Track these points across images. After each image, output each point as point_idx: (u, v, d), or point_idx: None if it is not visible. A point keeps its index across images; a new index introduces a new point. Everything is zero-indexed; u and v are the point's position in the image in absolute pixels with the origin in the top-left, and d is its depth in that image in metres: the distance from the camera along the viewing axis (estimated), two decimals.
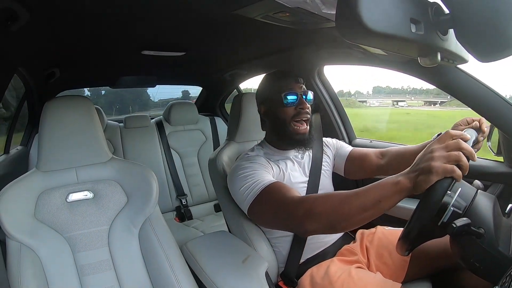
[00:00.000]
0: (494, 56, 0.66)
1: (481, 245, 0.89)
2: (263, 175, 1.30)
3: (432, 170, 0.83)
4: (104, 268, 1.32)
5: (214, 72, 2.92)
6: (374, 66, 1.76)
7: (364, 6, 0.57)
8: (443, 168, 0.83)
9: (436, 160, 0.84)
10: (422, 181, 0.85)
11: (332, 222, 1.02)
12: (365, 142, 2.17)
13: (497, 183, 1.54)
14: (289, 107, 1.41)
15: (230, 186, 1.39)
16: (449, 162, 0.83)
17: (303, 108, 1.41)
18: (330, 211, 1.01)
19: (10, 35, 1.25)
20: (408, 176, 0.89)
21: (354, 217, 0.97)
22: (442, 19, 0.70)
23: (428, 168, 0.84)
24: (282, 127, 1.43)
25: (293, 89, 1.42)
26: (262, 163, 1.38)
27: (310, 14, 1.19)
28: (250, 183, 1.27)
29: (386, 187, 0.92)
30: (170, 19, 1.41)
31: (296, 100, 1.41)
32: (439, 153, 0.85)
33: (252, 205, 1.25)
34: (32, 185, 1.30)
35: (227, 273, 1.33)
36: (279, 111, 1.42)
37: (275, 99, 1.42)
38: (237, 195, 1.32)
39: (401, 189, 0.89)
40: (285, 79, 1.44)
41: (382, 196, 0.92)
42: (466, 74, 1.38)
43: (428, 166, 0.84)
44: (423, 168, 0.85)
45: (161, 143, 3.01)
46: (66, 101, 1.36)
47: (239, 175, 1.33)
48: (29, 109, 2.49)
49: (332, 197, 1.03)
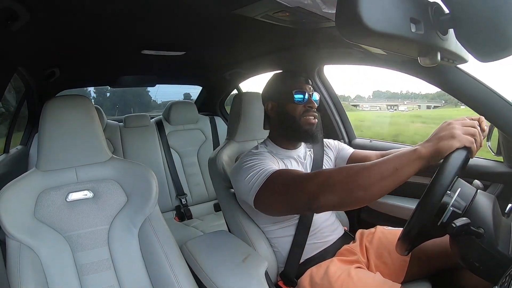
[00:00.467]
0: (494, 56, 0.66)
1: (481, 245, 0.89)
2: (269, 164, 1.30)
3: (454, 135, 0.89)
4: (103, 267, 1.32)
5: (214, 72, 2.92)
6: (374, 66, 1.76)
7: (364, 5, 0.57)
8: (464, 136, 0.89)
9: (457, 129, 0.90)
10: (443, 146, 0.90)
11: (348, 193, 0.97)
12: (365, 142, 2.17)
13: (496, 183, 1.54)
14: (299, 104, 1.42)
15: (234, 179, 1.38)
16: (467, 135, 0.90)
17: (311, 107, 1.43)
18: (347, 181, 0.97)
19: (10, 35, 1.25)
20: (426, 145, 0.92)
21: (373, 186, 0.94)
22: (442, 19, 0.70)
23: (450, 135, 0.90)
24: (291, 121, 1.44)
25: (303, 88, 1.43)
26: (267, 156, 1.38)
27: (310, 13, 1.19)
28: (256, 171, 1.26)
29: (404, 155, 0.93)
30: (170, 18, 1.40)
31: (305, 99, 1.43)
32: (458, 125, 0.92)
33: (259, 192, 1.23)
34: (32, 184, 1.30)
35: (226, 273, 1.33)
36: (289, 107, 1.44)
37: (285, 96, 1.44)
38: (242, 185, 1.29)
39: (419, 156, 0.91)
40: (295, 78, 1.47)
41: (400, 164, 0.92)
42: (466, 74, 1.38)
43: (450, 133, 0.90)
44: (444, 135, 0.91)
45: (161, 143, 3.00)
46: (66, 101, 1.36)
47: (244, 165, 1.32)
48: (29, 108, 2.49)
49: (347, 168, 1.02)
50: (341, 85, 2.20)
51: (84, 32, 1.52)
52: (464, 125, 0.92)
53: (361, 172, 0.95)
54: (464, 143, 0.89)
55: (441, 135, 0.91)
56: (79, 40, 1.65)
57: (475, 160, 1.58)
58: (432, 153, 0.90)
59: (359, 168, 0.97)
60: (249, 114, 1.71)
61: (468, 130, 0.91)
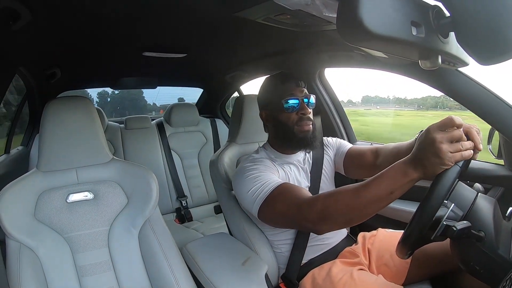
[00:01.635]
0: (495, 59, 0.66)
1: (481, 248, 0.89)
2: (270, 176, 1.29)
3: (442, 157, 0.84)
4: (103, 269, 1.32)
5: (215, 74, 2.92)
6: (375, 69, 1.76)
7: (365, 9, 0.58)
8: (453, 156, 0.85)
9: (443, 150, 0.84)
10: (432, 171, 0.87)
11: (347, 219, 1.02)
12: (366, 144, 2.17)
13: (497, 186, 1.54)
14: (290, 113, 1.39)
15: (236, 188, 1.37)
16: (456, 152, 0.85)
17: (304, 114, 1.39)
18: (344, 209, 1.00)
19: (12, 35, 1.26)
20: (415, 168, 0.89)
21: (368, 209, 0.97)
22: (443, 22, 0.70)
23: (437, 158, 0.85)
24: (285, 131, 1.41)
25: (294, 94, 1.39)
26: (267, 165, 1.37)
27: (311, 16, 1.19)
28: (259, 185, 1.25)
29: (397, 178, 0.92)
30: (171, 20, 1.41)
31: (297, 105, 1.38)
32: (445, 142, 0.85)
33: (262, 207, 1.23)
34: (32, 185, 1.30)
35: (226, 275, 1.33)
36: (281, 117, 1.41)
37: (276, 105, 1.41)
38: (246, 198, 1.30)
39: (410, 180, 0.90)
40: (285, 84, 1.42)
41: (394, 188, 0.92)
42: (466, 77, 1.38)
43: (438, 157, 0.85)
44: (430, 159, 0.86)
45: (161, 145, 3.00)
46: (67, 102, 1.37)
47: (246, 177, 1.31)
48: (30, 109, 2.50)
49: (343, 194, 1.02)
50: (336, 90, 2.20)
51: (86, 33, 1.52)
52: (452, 139, 0.85)
53: (357, 197, 0.97)
54: (453, 162, 0.85)
55: (426, 158, 0.87)
56: (81, 41, 1.65)
57: (475, 163, 1.57)
58: (423, 176, 0.89)
59: (354, 192, 0.98)
60: (250, 116, 1.71)
61: (456, 146, 0.85)
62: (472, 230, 0.87)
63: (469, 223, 0.87)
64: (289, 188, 1.21)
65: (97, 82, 3.08)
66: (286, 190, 1.21)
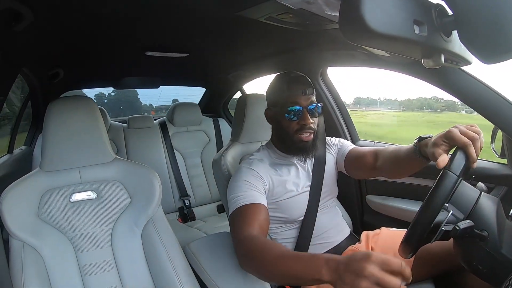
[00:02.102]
0: (498, 57, 0.66)
1: (485, 247, 0.89)
2: (250, 190, 1.31)
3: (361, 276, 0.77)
4: (106, 268, 1.33)
5: (218, 73, 2.92)
6: (378, 68, 1.75)
7: (367, 7, 0.57)
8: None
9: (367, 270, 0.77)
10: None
11: (259, 272, 1.11)
12: (369, 144, 2.17)
13: (500, 185, 1.54)
14: (292, 121, 1.38)
15: (227, 188, 1.41)
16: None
17: (305, 124, 1.37)
18: (260, 265, 1.07)
19: (15, 36, 1.26)
20: (332, 272, 0.84)
21: (276, 278, 1.09)
22: (446, 20, 0.70)
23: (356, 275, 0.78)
24: (284, 136, 1.42)
25: (299, 102, 1.37)
26: (259, 173, 1.38)
27: (314, 15, 1.19)
28: (236, 194, 1.31)
29: (311, 271, 0.89)
30: (173, 20, 1.41)
31: (300, 115, 1.37)
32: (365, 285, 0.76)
33: (230, 216, 1.30)
34: (35, 184, 1.30)
35: (229, 274, 1.33)
36: (282, 122, 1.41)
37: (279, 109, 1.40)
38: (228, 200, 1.35)
39: (319, 278, 0.87)
40: (292, 89, 1.39)
41: (303, 277, 0.93)
42: (470, 75, 1.38)
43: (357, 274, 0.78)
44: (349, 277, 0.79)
45: (164, 144, 3.00)
46: (70, 102, 1.37)
47: (234, 181, 1.36)
48: (33, 109, 2.51)
49: (268, 252, 1.06)
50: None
51: (88, 33, 1.53)
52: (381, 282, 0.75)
53: (273, 264, 1.01)
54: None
55: (347, 274, 0.79)
56: (83, 41, 1.65)
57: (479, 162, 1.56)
58: (333, 284, 0.84)
59: (275, 258, 1.02)
60: (253, 115, 1.71)
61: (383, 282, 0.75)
62: (475, 230, 0.87)
63: (472, 223, 0.87)
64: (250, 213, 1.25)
65: (99, 82, 3.08)
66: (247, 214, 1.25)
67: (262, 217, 1.25)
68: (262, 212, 1.26)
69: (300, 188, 1.46)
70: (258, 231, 1.19)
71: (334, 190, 1.59)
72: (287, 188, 1.42)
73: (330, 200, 1.56)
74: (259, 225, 1.21)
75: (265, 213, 1.27)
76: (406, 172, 1.34)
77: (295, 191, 1.44)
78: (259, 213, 1.25)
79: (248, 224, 1.20)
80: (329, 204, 1.55)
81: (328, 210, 1.53)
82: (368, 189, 2.11)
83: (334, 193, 1.59)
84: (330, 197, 1.56)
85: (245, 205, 1.26)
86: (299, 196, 1.44)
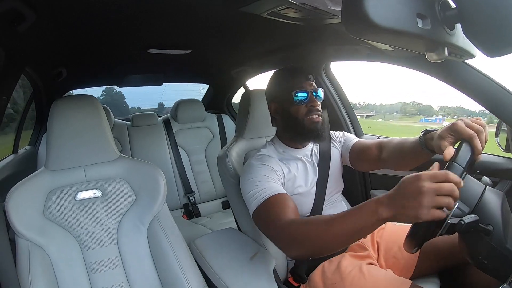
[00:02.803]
0: (502, 50, 0.66)
1: (490, 242, 0.89)
2: (269, 183, 1.30)
3: (422, 205, 0.79)
4: (112, 265, 1.33)
5: (221, 70, 2.92)
6: (382, 62, 1.75)
7: (370, 1, 0.57)
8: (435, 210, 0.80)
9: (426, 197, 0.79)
10: (406, 218, 0.83)
11: (314, 248, 1.07)
12: (373, 138, 2.16)
13: (505, 179, 1.53)
14: (300, 105, 1.40)
15: (241, 187, 1.39)
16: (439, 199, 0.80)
17: (313, 106, 1.40)
18: (313, 239, 1.05)
19: (17, 36, 1.26)
20: (388, 208, 0.86)
21: (335, 243, 1.02)
22: (449, 13, 0.69)
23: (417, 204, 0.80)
24: (295, 123, 1.42)
25: (303, 87, 1.40)
26: (272, 166, 1.37)
27: (316, 10, 1.18)
28: (256, 190, 1.28)
29: (367, 217, 0.91)
30: (176, 17, 1.41)
31: (307, 98, 1.40)
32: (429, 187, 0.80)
33: (255, 212, 1.27)
34: (41, 184, 1.31)
35: (235, 270, 1.34)
36: (291, 109, 1.42)
37: (286, 97, 1.42)
38: (246, 198, 1.33)
39: (378, 219, 0.88)
40: (295, 77, 1.43)
41: (361, 226, 0.93)
42: (473, 69, 1.37)
43: (418, 203, 0.80)
44: (409, 203, 0.82)
45: (168, 141, 3.01)
46: (73, 100, 1.38)
47: (249, 178, 1.34)
48: (37, 108, 2.52)
49: (315, 224, 1.06)
50: None
51: (91, 32, 1.53)
52: (439, 192, 0.79)
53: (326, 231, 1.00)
54: (430, 218, 0.79)
55: (405, 201, 0.82)
56: (86, 40, 1.66)
57: (483, 156, 1.56)
58: (393, 219, 0.86)
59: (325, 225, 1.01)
60: (257, 111, 1.71)
61: (439, 201, 0.79)
62: (480, 224, 0.87)
63: (477, 217, 0.86)
64: (278, 203, 1.23)
65: (103, 80, 3.09)
66: (275, 203, 1.23)
67: (292, 204, 1.24)
68: (290, 200, 1.26)
69: (309, 184, 1.46)
70: (294, 216, 1.18)
71: (340, 185, 1.59)
72: (296, 184, 1.43)
73: (336, 195, 1.57)
74: (292, 211, 1.20)
75: (292, 200, 1.26)
76: (411, 165, 1.33)
77: (303, 187, 1.44)
78: (288, 200, 1.25)
79: (281, 212, 1.19)
80: (335, 199, 1.55)
81: (334, 205, 1.54)
82: (372, 183, 2.11)
83: (339, 187, 1.59)
84: (336, 191, 1.56)
85: (272, 197, 1.24)
86: (307, 191, 1.45)
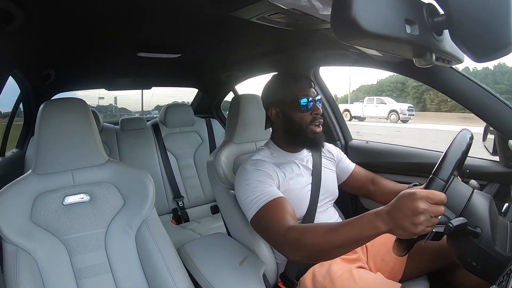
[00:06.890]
0: (488, 56, 0.67)
1: (478, 244, 0.90)
2: (266, 187, 1.31)
3: (417, 223, 0.85)
4: (101, 271, 1.32)
5: (210, 74, 2.92)
6: (370, 67, 1.76)
7: (359, 7, 0.58)
8: (430, 223, 0.85)
9: (421, 216, 0.84)
10: (403, 233, 0.88)
11: (313, 255, 1.11)
12: (361, 143, 2.17)
13: (493, 182, 1.55)
14: (305, 112, 1.41)
15: (236, 192, 1.40)
16: (432, 221, 0.85)
17: (317, 114, 1.43)
18: (312, 246, 1.07)
19: (6, 37, 1.25)
20: (386, 222, 0.90)
21: (334, 252, 1.06)
22: (437, 20, 0.70)
23: (412, 223, 0.85)
24: (298, 130, 1.43)
25: (308, 94, 1.41)
26: (267, 171, 1.38)
27: (306, 15, 1.19)
28: (254, 195, 1.29)
29: (366, 229, 0.95)
30: (166, 21, 1.40)
31: (311, 106, 1.41)
32: (424, 207, 0.84)
33: (254, 217, 1.28)
34: (28, 188, 1.29)
35: (224, 275, 1.33)
36: (294, 116, 1.42)
37: (290, 103, 1.42)
38: (243, 203, 1.34)
39: (378, 232, 0.93)
40: (298, 83, 1.44)
41: (360, 237, 0.97)
42: (461, 74, 1.39)
43: (413, 222, 0.85)
44: (405, 223, 0.86)
45: (157, 145, 2.99)
46: (62, 103, 1.36)
47: (246, 184, 1.34)
48: (25, 111, 2.48)
49: (315, 231, 1.08)
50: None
51: (80, 35, 1.52)
52: (433, 214, 0.85)
53: (326, 240, 1.03)
54: (423, 233, 0.86)
55: (401, 220, 0.87)
56: (75, 43, 1.64)
57: (471, 160, 1.58)
58: (390, 232, 0.91)
59: (325, 234, 1.04)
60: (246, 116, 1.71)
61: (432, 221, 0.85)
62: (468, 226, 0.88)
63: (465, 220, 0.87)
64: (278, 207, 1.25)
65: (91, 83, 3.06)
66: (275, 207, 1.25)
67: (290, 208, 1.26)
68: (288, 203, 1.28)
69: (303, 187, 1.47)
70: (293, 221, 1.20)
71: (335, 193, 1.61)
72: (291, 187, 1.43)
73: (330, 202, 1.58)
74: (291, 216, 1.23)
75: (289, 204, 1.28)
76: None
77: (298, 189, 1.44)
78: (286, 205, 1.27)
79: (281, 218, 1.21)
80: (328, 206, 1.56)
81: (327, 211, 1.54)
82: None
83: (334, 195, 1.61)
84: (331, 198, 1.58)
85: (270, 202, 1.26)
86: (302, 194, 1.45)
